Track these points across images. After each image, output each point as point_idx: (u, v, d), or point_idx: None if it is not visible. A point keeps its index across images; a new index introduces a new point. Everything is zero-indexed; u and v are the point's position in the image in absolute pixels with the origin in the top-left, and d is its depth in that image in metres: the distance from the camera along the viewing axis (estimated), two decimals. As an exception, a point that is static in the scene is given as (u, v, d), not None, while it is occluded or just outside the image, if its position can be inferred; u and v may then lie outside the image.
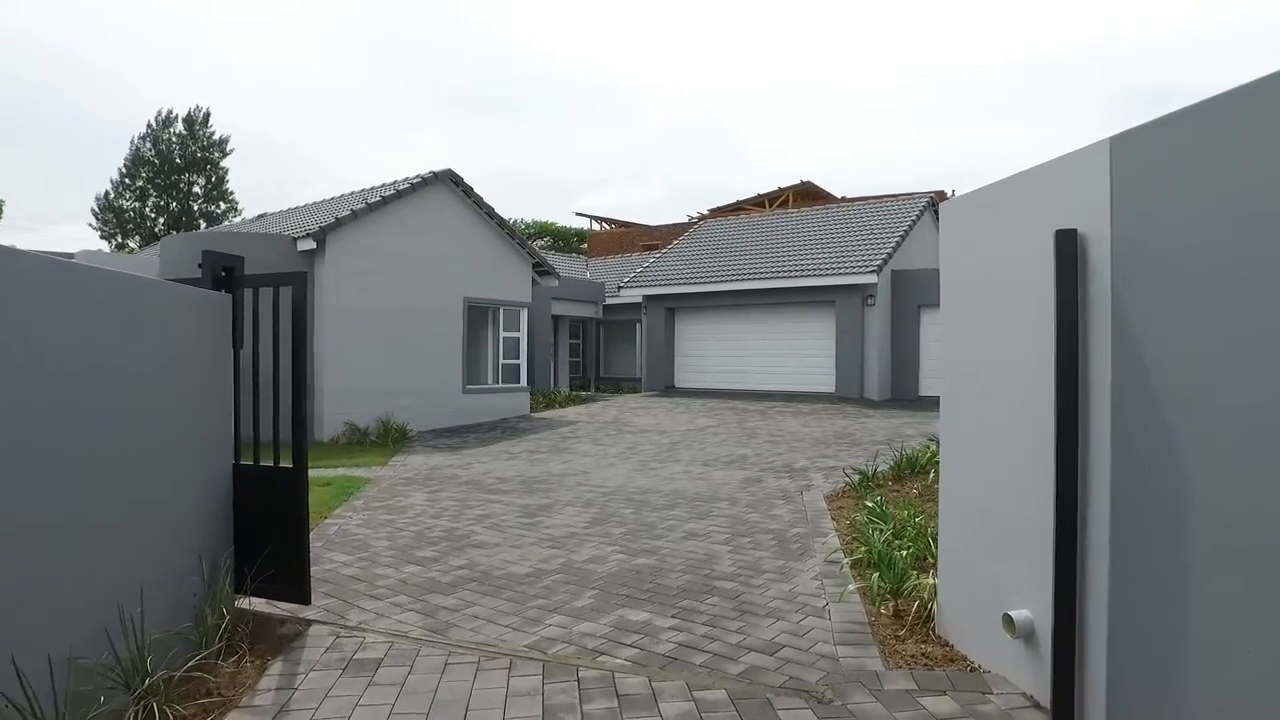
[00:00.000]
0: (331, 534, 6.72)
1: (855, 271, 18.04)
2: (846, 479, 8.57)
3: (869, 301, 18.29)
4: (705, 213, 34.92)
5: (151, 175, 52.27)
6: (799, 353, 19.67)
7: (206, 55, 66.52)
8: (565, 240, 41.91)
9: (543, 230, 42.28)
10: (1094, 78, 76.34)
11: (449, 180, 15.65)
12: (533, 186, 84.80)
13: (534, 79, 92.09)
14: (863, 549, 5.56)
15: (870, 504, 6.48)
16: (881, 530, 5.87)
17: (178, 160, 52.66)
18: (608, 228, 41.36)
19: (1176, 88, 66.13)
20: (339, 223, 13.68)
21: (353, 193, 17.18)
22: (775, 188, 34.28)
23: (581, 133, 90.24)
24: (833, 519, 6.98)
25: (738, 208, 34.31)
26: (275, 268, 12.97)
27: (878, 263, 17.94)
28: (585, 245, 41.65)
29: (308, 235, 13.52)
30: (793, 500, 7.88)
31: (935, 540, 5.57)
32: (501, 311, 16.93)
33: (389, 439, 13.41)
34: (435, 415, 15.30)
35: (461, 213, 16.02)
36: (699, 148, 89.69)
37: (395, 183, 15.47)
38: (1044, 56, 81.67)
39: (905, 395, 18.57)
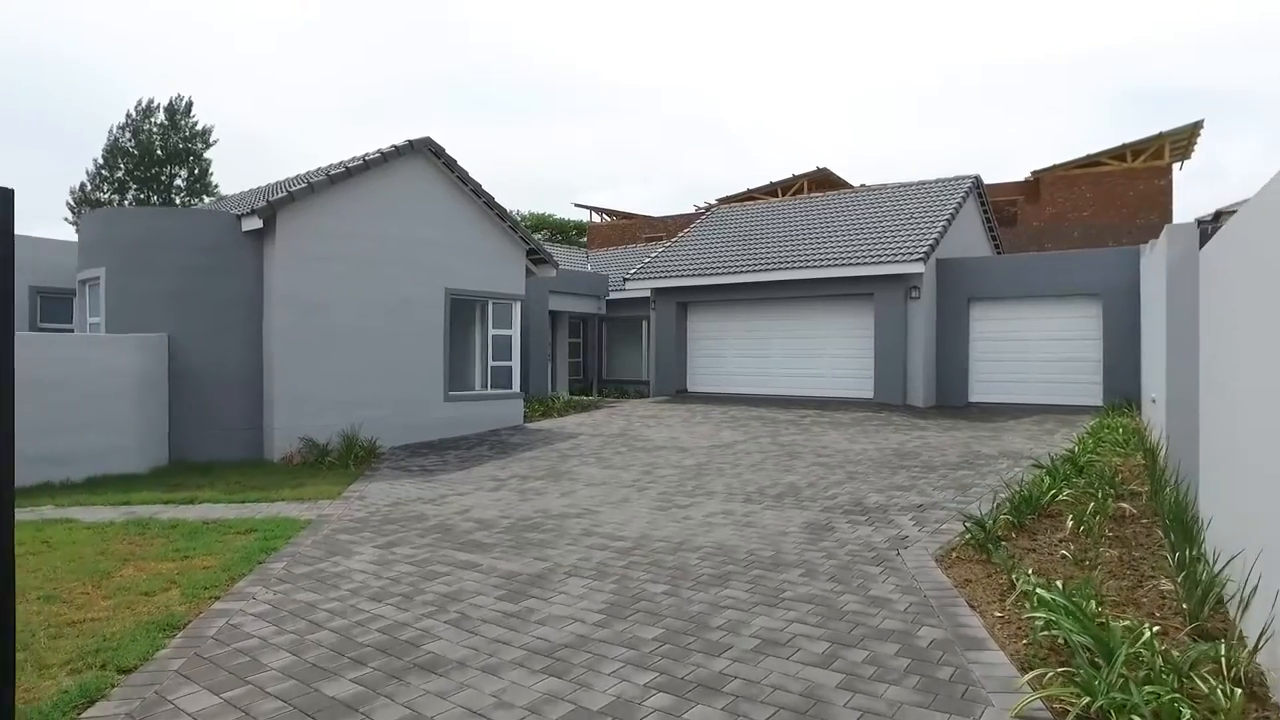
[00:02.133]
0: (211, 635, 4.38)
1: (899, 259, 15.70)
2: (952, 526, 6.25)
3: (913, 294, 15.96)
4: (713, 203, 32.57)
5: (131, 167, 49.97)
6: (831, 353, 17.33)
7: (200, 53, 64.03)
8: (564, 233, 39.49)
9: (540, 223, 39.82)
10: (1091, 80, 74.03)
11: (427, 151, 13.29)
12: (533, 187, 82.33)
13: (533, 79, 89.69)
14: (1083, 697, 3.24)
15: (1051, 594, 4.12)
16: (1090, 654, 3.54)
17: (159, 152, 50.32)
18: (608, 220, 38.97)
19: (1174, 89, 64.01)
20: (292, 197, 11.32)
21: (318, 169, 14.83)
22: (789, 175, 31.95)
23: (582, 133, 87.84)
24: (970, 606, 4.64)
25: (748, 197, 31.96)
26: (215, 250, 10.58)
27: (924, 249, 15.61)
28: (585, 239, 39.30)
29: (252, 212, 11.16)
30: (892, 566, 5.54)
31: (1220, 688, 3.25)
32: (490, 305, 14.60)
33: (352, 458, 11.06)
34: (411, 427, 12.97)
35: (443, 190, 13.68)
36: (703, 149, 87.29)
37: (365, 154, 13.12)
38: (1042, 58, 79.31)
39: (953, 401, 16.25)
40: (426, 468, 10.64)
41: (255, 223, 11.14)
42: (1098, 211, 25.25)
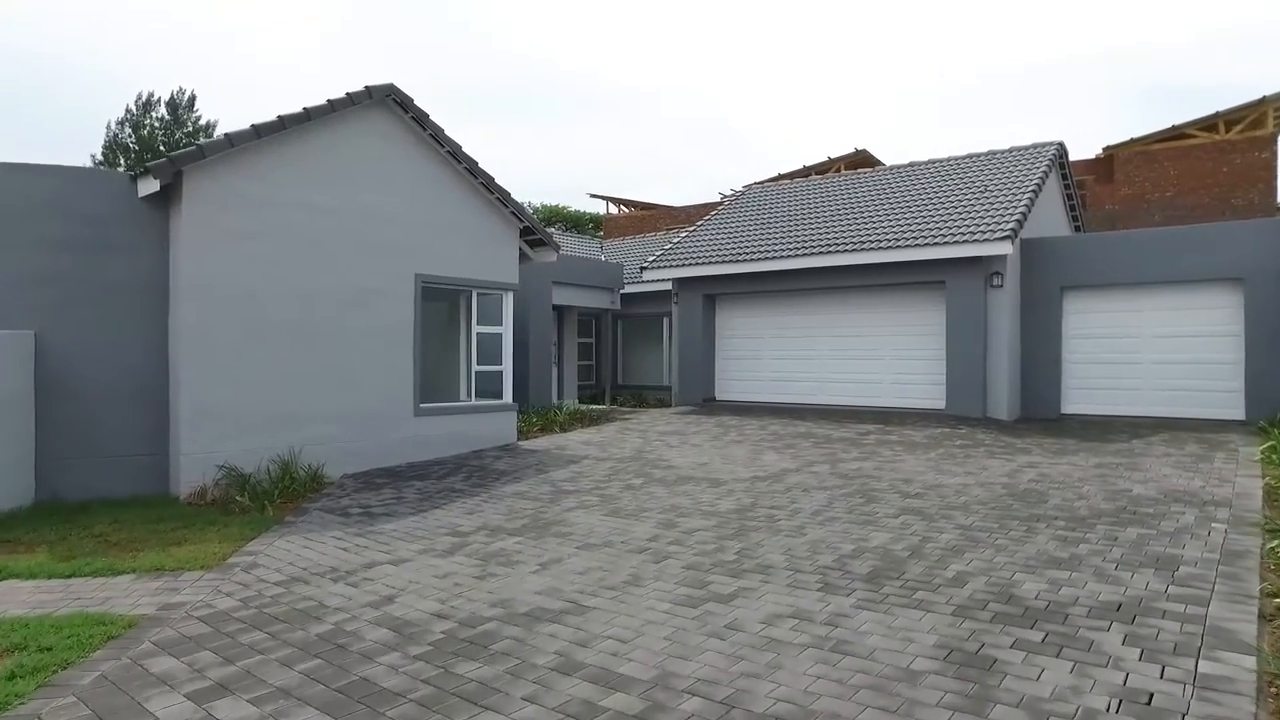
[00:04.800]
0: None
1: (978, 239, 12.74)
2: (1223, 669, 3.36)
3: (995, 281, 13.00)
4: (740, 190, 29.65)
5: (132, 163, 48.14)
6: (892, 354, 14.41)
7: (200, 52, 62.17)
8: (579, 225, 36.67)
9: (553, 215, 37.03)
10: (1113, 79, 69.94)
11: (391, 102, 10.59)
12: (544, 189, 79.58)
13: (532, 80, 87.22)
14: None
15: None
16: None
17: (160, 147, 48.41)
18: (626, 211, 36.17)
19: (1195, 87, 59.96)
20: (202, 152, 8.64)
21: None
22: (825, 158, 28.94)
23: (585, 136, 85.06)
24: None
25: (779, 180, 28.98)
26: (103, 222, 6.90)
27: (1011, 225, 12.64)
28: (602, 234, 36.52)
29: (146, 170, 8.51)
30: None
31: None
32: (475, 297, 11.86)
33: (281, 493, 8.40)
34: (372, 449, 10.28)
35: (412, 152, 10.96)
36: (714, 153, 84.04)
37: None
38: (1062, 58, 75.25)
39: (1041, 413, 13.27)
40: (371, 509, 7.90)
41: (152, 185, 8.48)
42: (1184, 190, 22.04)
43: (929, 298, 13.91)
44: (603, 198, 36.31)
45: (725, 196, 30.20)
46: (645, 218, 34.11)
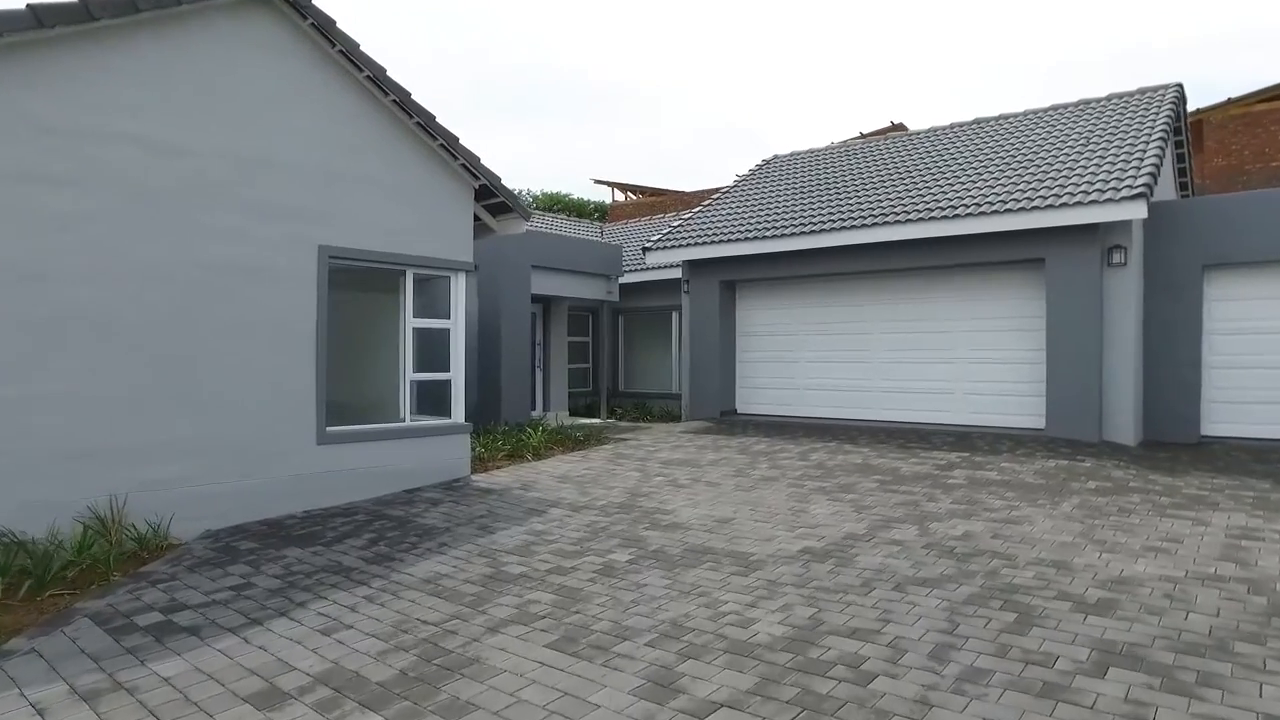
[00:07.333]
0: None
1: (1095, 199, 9.41)
2: None
3: (1115, 258, 9.68)
4: (764, 160, 26.31)
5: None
6: (969, 356, 11.10)
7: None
8: (582, 214, 33.55)
9: (554, 202, 33.89)
10: (1140, 74, 65.80)
11: (278, 0, 7.45)
12: (546, 184, 75.98)
13: (551, 80, 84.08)
14: None
15: None
16: None
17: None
18: (634, 198, 32.96)
19: (1219, 81, 55.67)
20: (-65, 42, 5.50)
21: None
22: (856, 134, 25.59)
23: (599, 131, 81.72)
24: None
25: (806, 161, 25.64)
26: None
27: (1143, 180, 9.31)
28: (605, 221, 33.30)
29: None
30: None
31: None
32: (410, 279, 8.69)
33: (56, 576, 5.30)
34: (253, 492, 7.18)
35: (314, 77, 7.81)
36: (740, 151, 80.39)
37: None
38: (1069, 56, 71.18)
39: (1174, 434, 9.95)
40: (177, 616, 4.73)
41: None
42: (1294, 159, 18.56)
43: (1021, 281, 10.58)
44: (608, 183, 33.21)
45: (740, 179, 26.88)
46: (655, 204, 30.87)
